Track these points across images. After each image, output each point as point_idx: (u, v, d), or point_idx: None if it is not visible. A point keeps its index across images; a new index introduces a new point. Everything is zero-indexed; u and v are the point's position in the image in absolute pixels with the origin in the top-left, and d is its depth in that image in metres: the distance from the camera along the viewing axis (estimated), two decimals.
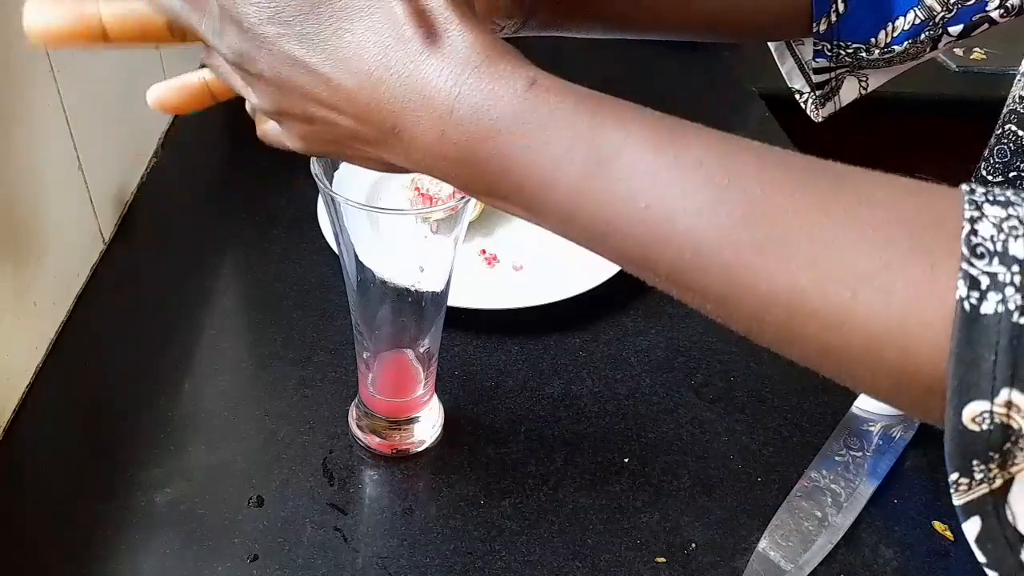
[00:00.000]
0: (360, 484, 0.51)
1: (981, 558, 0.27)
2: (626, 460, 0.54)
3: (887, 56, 0.51)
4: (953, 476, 0.26)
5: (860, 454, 0.54)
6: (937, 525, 0.51)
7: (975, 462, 0.25)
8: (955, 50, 1.07)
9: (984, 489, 0.26)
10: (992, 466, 0.25)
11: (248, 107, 0.36)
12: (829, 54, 0.52)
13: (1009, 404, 0.24)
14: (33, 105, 0.54)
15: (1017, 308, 0.23)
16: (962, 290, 0.24)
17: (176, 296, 0.63)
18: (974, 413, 0.24)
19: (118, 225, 0.68)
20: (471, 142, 0.29)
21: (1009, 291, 0.23)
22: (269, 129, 0.36)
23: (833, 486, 0.52)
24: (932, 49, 0.51)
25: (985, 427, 0.24)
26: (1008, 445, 0.24)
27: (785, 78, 0.57)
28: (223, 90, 0.38)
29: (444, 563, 0.47)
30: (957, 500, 0.27)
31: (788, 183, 0.27)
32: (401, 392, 0.52)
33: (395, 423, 0.52)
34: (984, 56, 1.07)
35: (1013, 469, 0.25)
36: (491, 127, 0.29)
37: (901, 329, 0.25)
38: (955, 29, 0.49)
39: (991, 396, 0.24)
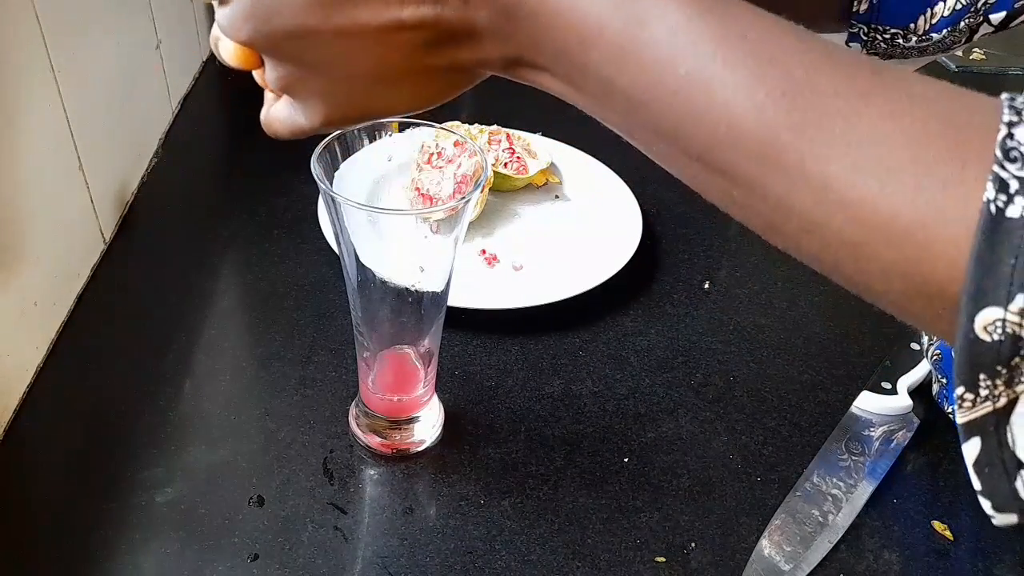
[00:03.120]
0: (360, 484, 0.51)
1: (977, 485, 0.27)
2: (626, 460, 0.54)
3: (923, 45, 0.49)
4: (959, 391, 0.26)
5: (859, 454, 0.54)
6: (937, 525, 0.51)
7: (982, 376, 0.25)
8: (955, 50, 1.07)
9: (988, 407, 0.25)
10: (998, 382, 0.25)
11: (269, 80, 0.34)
12: (865, 39, 0.50)
13: (1023, 312, 0.23)
14: (33, 105, 0.54)
15: None
16: (990, 192, 0.23)
17: (176, 296, 0.63)
18: (987, 321, 0.24)
19: (118, 225, 0.68)
20: None
21: None
22: (281, 111, 0.35)
23: (832, 486, 0.52)
24: (967, 40, 0.49)
25: (996, 337, 0.24)
26: (1017, 360, 0.24)
27: None
28: None
29: (444, 563, 0.47)
30: (960, 418, 0.26)
31: (831, 68, 0.27)
32: (401, 392, 0.52)
33: (395, 423, 0.52)
34: (984, 56, 1.07)
35: (1018, 388, 0.25)
36: None
37: (923, 227, 0.25)
38: (996, 17, 0.47)
39: (1006, 303, 0.23)
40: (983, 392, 0.25)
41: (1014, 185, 0.23)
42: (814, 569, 0.48)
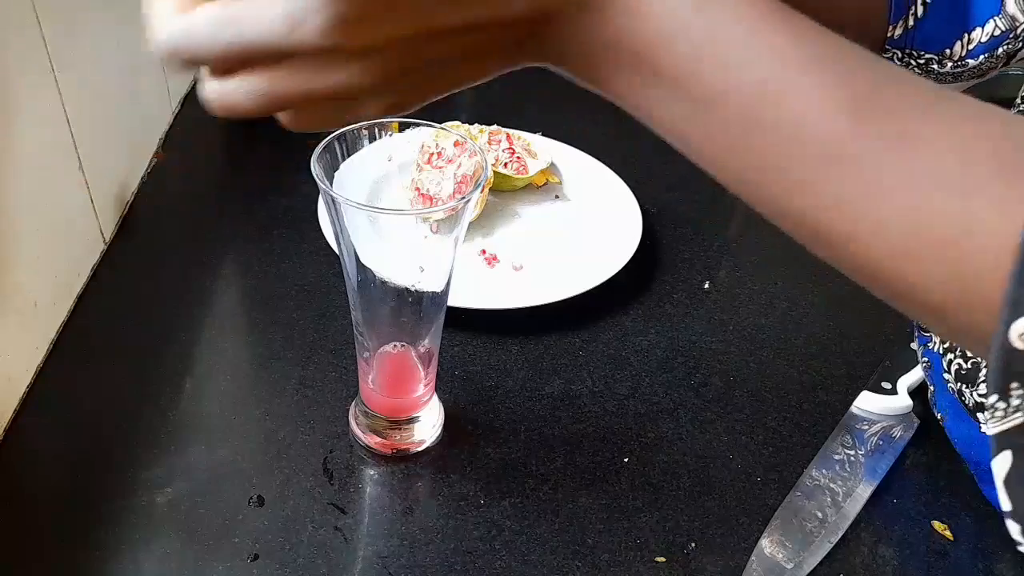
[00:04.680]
0: (360, 484, 0.51)
1: (1006, 505, 0.27)
2: (626, 460, 0.54)
3: (958, 71, 0.49)
4: (991, 399, 0.26)
5: (859, 454, 0.54)
6: (936, 525, 0.51)
7: (1014, 384, 0.25)
8: None
9: (1019, 418, 0.26)
10: None
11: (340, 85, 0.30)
12: (898, 63, 0.49)
13: None
14: (33, 105, 0.54)
15: None
16: None
17: (176, 296, 0.63)
18: (1022, 330, 0.25)
19: (118, 225, 0.68)
20: None
21: None
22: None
23: (833, 486, 0.52)
24: (1004, 65, 0.49)
25: None
26: None
27: None
28: None
29: (444, 563, 0.47)
30: (991, 429, 0.27)
31: (894, 83, 0.28)
32: (401, 392, 0.52)
33: (395, 423, 0.52)
34: None
35: None
36: None
37: (969, 237, 0.26)
38: None
39: None
40: (1015, 402, 0.26)
41: None
42: (814, 568, 0.48)
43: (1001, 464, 0.26)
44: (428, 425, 0.53)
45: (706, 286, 0.68)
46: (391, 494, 0.51)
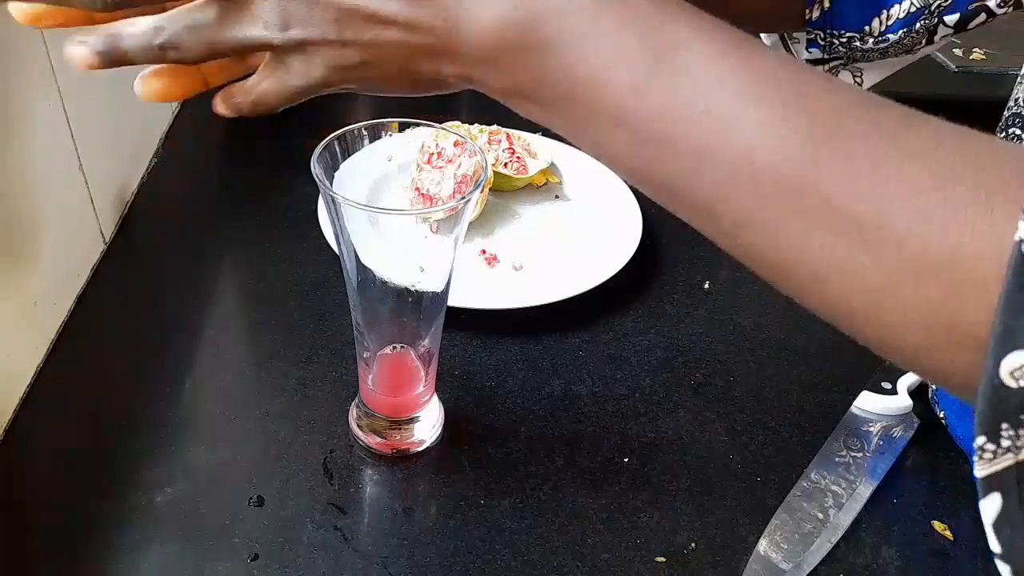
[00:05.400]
0: (360, 484, 0.51)
1: (996, 547, 0.25)
2: (626, 460, 0.54)
3: (881, 47, 0.50)
4: (979, 441, 0.24)
5: (860, 454, 0.54)
6: (937, 525, 0.51)
7: (1004, 425, 0.23)
8: (954, 50, 1.07)
9: (1009, 460, 0.24)
10: (1022, 432, 0.23)
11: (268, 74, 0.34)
12: (822, 43, 0.51)
13: None
14: (34, 105, 0.54)
15: None
16: (1021, 232, 0.23)
17: (176, 296, 0.63)
18: (1014, 366, 0.23)
19: (118, 225, 0.68)
20: (531, 24, 0.28)
21: None
22: (268, 81, 0.34)
23: (833, 486, 0.52)
24: (928, 43, 0.50)
25: (1023, 384, 0.23)
26: None
27: None
28: (217, 73, 0.36)
29: (444, 563, 0.47)
30: (979, 471, 0.24)
31: (858, 110, 0.26)
32: (401, 391, 0.52)
33: (395, 423, 0.52)
34: (983, 56, 1.07)
35: None
36: (554, 7, 0.27)
37: (951, 266, 0.24)
38: (951, 19, 0.47)
39: None
40: (1005, 443, 0.24)
41: None
42: (814, 568, 0.48)
43: (990, 507, 0.25)
44: (428, 425, 0.53)
45: (706, 286, 0.68)
46: (391, 494, 0.51)
